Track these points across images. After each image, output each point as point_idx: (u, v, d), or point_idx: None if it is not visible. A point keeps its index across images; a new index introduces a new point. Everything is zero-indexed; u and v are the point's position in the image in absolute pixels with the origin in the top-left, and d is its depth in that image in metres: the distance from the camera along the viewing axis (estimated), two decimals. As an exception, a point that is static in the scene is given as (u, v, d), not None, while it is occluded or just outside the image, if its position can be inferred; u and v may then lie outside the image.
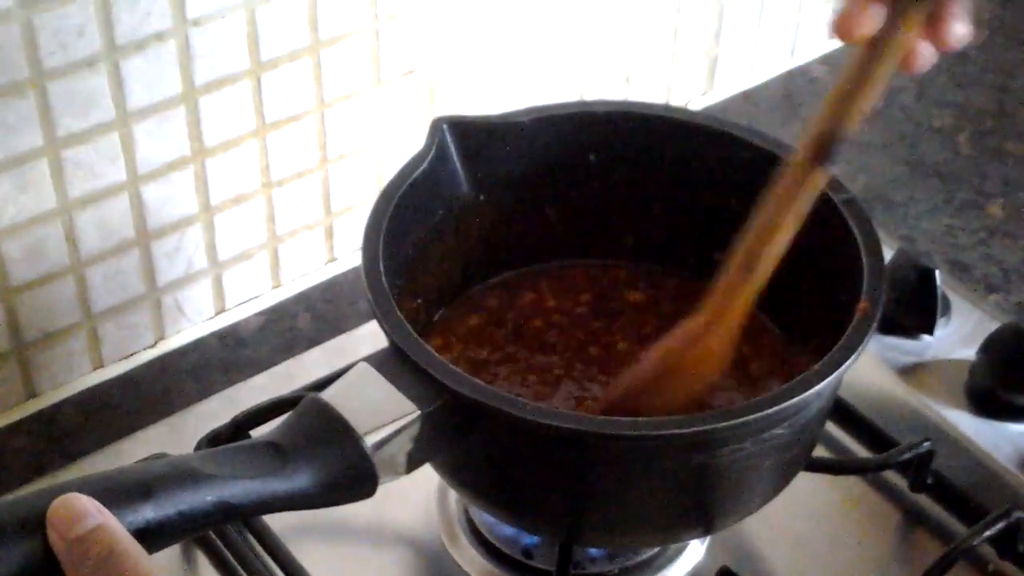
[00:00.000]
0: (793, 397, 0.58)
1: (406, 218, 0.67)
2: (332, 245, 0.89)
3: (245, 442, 0.57)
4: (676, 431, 0.58)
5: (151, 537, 0.51)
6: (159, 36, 0.74)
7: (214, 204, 0.82)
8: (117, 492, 0.51)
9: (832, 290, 0.66)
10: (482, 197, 0.71)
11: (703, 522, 0.65)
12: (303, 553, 0.70)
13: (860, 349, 0.61)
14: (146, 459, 0.71)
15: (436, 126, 0.69)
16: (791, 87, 1.07)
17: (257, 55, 0.79)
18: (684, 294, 0.72)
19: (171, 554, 0.71)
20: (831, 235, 0.67)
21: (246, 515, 0.55)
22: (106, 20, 0.72)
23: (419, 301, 0.70)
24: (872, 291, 0.63)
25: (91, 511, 0.49)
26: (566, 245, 0.76)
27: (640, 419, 0.60)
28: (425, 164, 0.68)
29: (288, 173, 0.84)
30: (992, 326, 0.80)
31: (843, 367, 0.60)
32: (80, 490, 0.50)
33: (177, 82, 0.76)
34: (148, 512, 0.51)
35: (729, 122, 0.73)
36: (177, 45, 0.75)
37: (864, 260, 0.64)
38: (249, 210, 0.84)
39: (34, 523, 0.49)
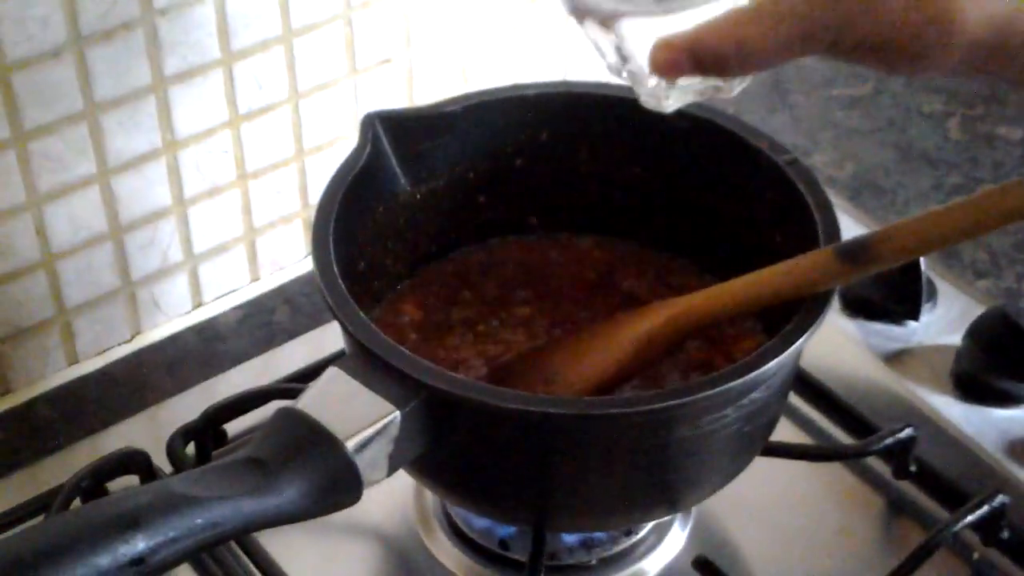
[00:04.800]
0: (776, 357, 0.58)
1: (351, 217, 0.66)
2: (310, 238, 0.88)
3: (227, 460, 0.56)
4: (673, 402, 0.58)
5: (144, 568, 0.50)
6: (126, 25, 0.73)
7: (188, 196, 0.81)
8: (105, 526, 0.50)
9: (788, 253, 0.65)
10: (421, 188, 0.71)
11: (683, 497, 0.65)
12: (279, 548, 0.69)
13: (830, 301, 0.61)
14: (120, 454, 0.71)
15: (368, 121, 0.68)
16: (779, 75, 1.06)
17: (228, 44, 0.78)
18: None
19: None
20: (779, 199, 0.67)
21: (237, 534, 0.55)
22: (71, 9, 0.71)
23: (372, 292, 0.70)
24: (829, 237, 0.63)
25: None
26: (502, 226, 0.75)
27: (627, 396, 0.61)
28: (362, 160, 0.67)
29: (263, 164, 0.83)
30: (978, 311, 0.79)
31: (818, 320, 0.60)
32: (64, 527, 0.51)
33: (146, 72, 0.76)
34: (140, 542, 0.50)
35: None
36: (145, 34, 0.74)
37: (816, 216, 0.64)
38: (224, 202, 0.83)
39: None
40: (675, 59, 0.52)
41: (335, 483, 0.56)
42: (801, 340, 0.59)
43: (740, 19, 0.51)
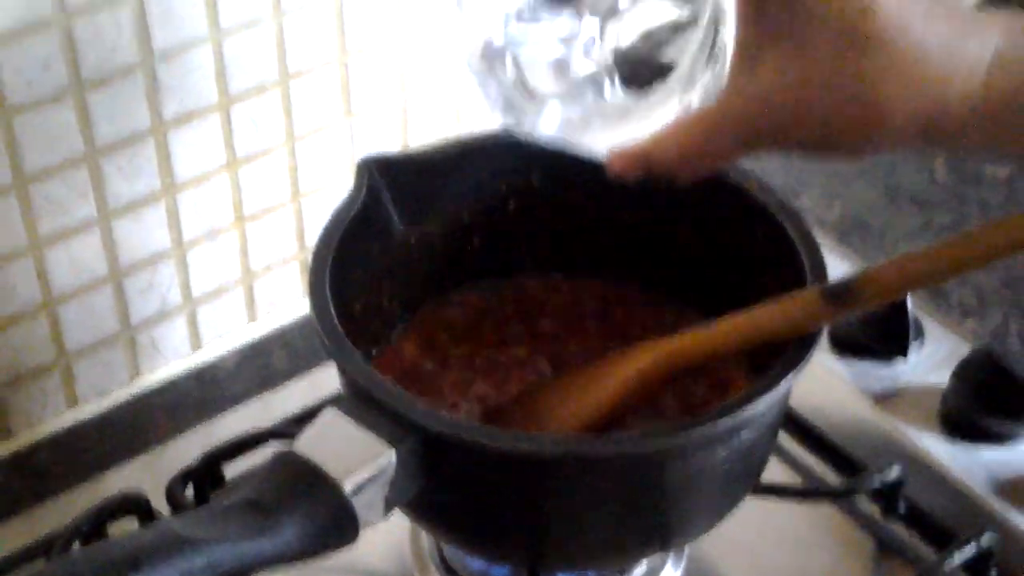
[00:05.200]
0: (764, 395, 0.59)
1: (347, 261, 0.67)
2: (307, 280, 0.89)
3: (226, 502, 0.57)
4: (663, 440, 0.59)
5: None
6: (125, 70, 0.75)
7: (187, 239, 0.82)
8: (107, 567, 0.51)
9: (777, 293, 0.66)
10: (416, 231, 0.72)
11: (675, 535, 0.66)
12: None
13: (816, 340, 0.62)
14: (119, 498, 0.72)
15: (362, 167, 0.69)
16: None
17: (226, 88, 0.79)
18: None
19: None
20: (768, 240, 0.68)
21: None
22: (72, 54, 0.72)
23: (368, 333, 0.71)
24: (816, 277, 0.65)
25: None
26: (496, 267, 0.76)
27: (616, 435, 0.62)
28: (358, 204, 0.68)
29: (261, 207, 0.85)
30: (966, 350, 0.81)
31: (805, 359, 0.61)
32: (69, 569, 0.51)
33: (145, 116, 0.77)
34: None
35: None
36: (144, 78, 0.76)
37: (804, 257, 0.66)
38: (222, 245, 0.84)
39: None
40: (628, 167, 0.57)
41: (332, 525, 0.57)
42: (789, 379, 0.60)
43: (683, 130, 0.56)
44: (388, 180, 0.70)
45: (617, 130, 0.61)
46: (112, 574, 0.51)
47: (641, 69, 0.61)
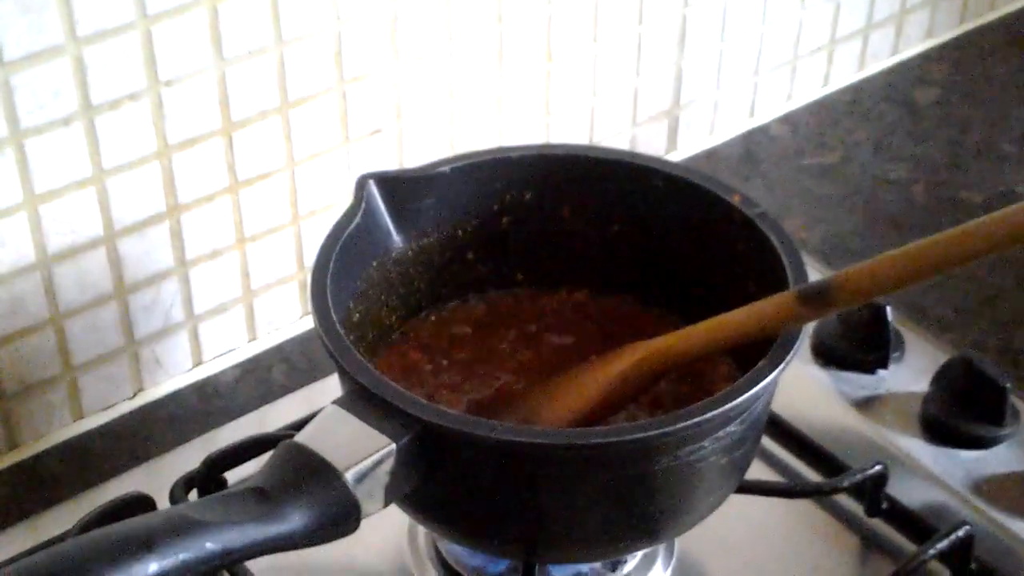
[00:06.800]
0: (751, 389, 0.62)
1: (346, 271, 0.70)
2: (306, 298, 0.92)
3: (231, 489, 0.59)
4: (653, 432, 0.61)
5: None
6: (133, 96, 0.78)
7: (189, 259, 0.85)
8: (119, 547, 0.53)
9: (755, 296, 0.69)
10: (412, 245, 0.75)
11: (664, 528, 0.68)
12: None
13: (799, 338, 0.64)
14: (124, 498, 0.74)
15: (362, 182, 0.72)
16: (751, 146, 1.11)
17: (228, 114, 0.82)
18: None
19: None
20: (751, 249, 0.71)
21: (243, 559, 0.58)
22: (81, 80, 0.75)
23: (366, 343, 0.73)
24: (797, 277, 0.67)
25: None
26: (490, 280, 0.79)
27: (609, 427, 0.64)
28: (357, 218, 0.71)
29: (261, 228, 0.87)
30: (944, 360, 0.83)
31: (789, 355, 0.63)
32: (81, 548, 0.53)
33: (151, 140, 0.80)
34: (152, 564, 0.53)
35: (641, 155, 0.77)
36: (151, 104, 0.79)
37: (786, 264, 0.68)
38: (224, 264, 0.87)
39: None
40: None
41: (335, 511, 0.59)
42: (775, 374, 0.63)
43: None
44: (385, 195, 0.73)
45: None
46: (125, 553, 0.53)
47: None
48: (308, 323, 0.92)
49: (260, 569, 0.71)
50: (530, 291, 0.79)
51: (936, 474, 0.78)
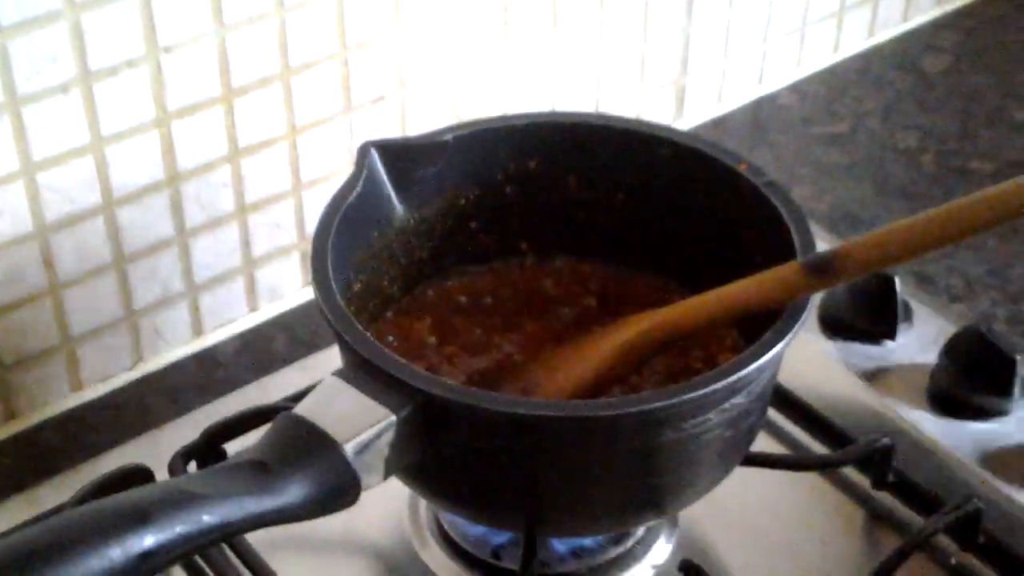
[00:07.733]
0: (756, 360, 0.61)
1: (348, 239, 0.69)
2: (307, 269, 0.91)
3: (230, 461, 0.58)
4: (659, 403, 0.60)
5: (153, 561, 0.52)
6: (131, 62, 0.77)
7: (189, 228, 0.84)
8: (116, 519, 0.52)
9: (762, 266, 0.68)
10: (415, 214, 0.74)
11: (669, 501, 0.67)
12: (275, 560, 0.71)
13: (806, 308, 0.63)
14: (123, 470, 0.73)
15: (364, 150, 0.71)
16: (759, 114, 1.10)
17: (228, 81, 0.81)
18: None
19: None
20: (758, 219, 0.70)
21: (241, 532, 0.57)
22: (79, 46, 0.74)
23: (367, 312, 0.73)
24: (805, 249, 0.66)
25: None
26: (494, 250, 0.78)
27: (613, 399, 0.63)
28: (359, 186, 0.70)
29: (261, 197, 0.86)
30: (953, 332, 0.82)
31: (795, 326, 0.62)
32: (77, 521, 0.52)
33: (150, 107, 0.79)
34: (149, 537, 0.52)
35: (647, 123, 0.76)
36: (150, 71, 0.78)
37: (794, 233, 0.67)
38: (224, 234, 0.86)
39: None
40: None
41: (334, 484, 0.58)
42: (781, 345, 0.62)
43: None
44: (388, 164, 0.72)
45: None
46: (122, 526, 0.52)
47: None
48: (309, 293, 0.91)
49: (259, 542, 0.71)
50: (534, 261, 0.78)
51: (944, 446, 0.77)
